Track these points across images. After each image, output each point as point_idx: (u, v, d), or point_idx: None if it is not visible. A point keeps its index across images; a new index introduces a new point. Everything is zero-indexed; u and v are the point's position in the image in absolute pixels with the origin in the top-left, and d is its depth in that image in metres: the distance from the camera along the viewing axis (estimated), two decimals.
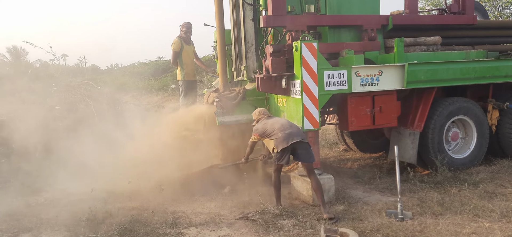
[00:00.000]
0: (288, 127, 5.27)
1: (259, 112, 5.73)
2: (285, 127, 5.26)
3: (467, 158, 6.90)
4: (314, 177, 5.31)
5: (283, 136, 5.19)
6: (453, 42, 7.47)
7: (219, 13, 6.86)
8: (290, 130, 5.23)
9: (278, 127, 5.28)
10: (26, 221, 5.43)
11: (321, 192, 5.24)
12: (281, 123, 5.34)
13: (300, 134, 5.27)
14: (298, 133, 5.25)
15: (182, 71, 8.29)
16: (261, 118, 5.62)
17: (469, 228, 4.52)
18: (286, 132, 5.21)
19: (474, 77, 6.62)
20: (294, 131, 5.23)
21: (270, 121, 5.45)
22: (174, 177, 6.73)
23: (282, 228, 4.84)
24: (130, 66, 44.00)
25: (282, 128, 5.25)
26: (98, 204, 5.93)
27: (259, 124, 5.55)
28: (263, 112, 5.72)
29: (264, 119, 5.57)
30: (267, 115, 5.69)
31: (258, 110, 5.78)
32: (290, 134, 5.18)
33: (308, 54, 5.65)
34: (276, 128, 5.29)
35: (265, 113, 5.70)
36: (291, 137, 5.16)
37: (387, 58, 6.47)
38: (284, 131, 5.22)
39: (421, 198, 5.64)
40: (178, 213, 5.51)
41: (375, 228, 4.65)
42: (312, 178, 5.30)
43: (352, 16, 6.64)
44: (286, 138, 5.16)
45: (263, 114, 5.68)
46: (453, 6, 7.17)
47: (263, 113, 5.69)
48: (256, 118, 5.72)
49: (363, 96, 6.21)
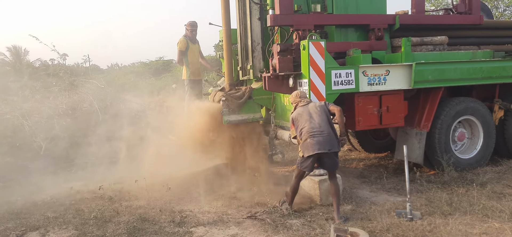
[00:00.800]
0: (317, 133, 4.92)
1: (296, 95, 5.33)
2: (315, 132, 4.93)
3: (474, 159, 6.89)
4: (335, 181, 5.13)
5: (311, 143, 4.92)
6: (459, 42, 7.46)
7: (225, 12, 6.84)
8: (319, 138, 4.90)
9: (307, 129, 4.98)
10: (33, 220, 5.42)
11: (338, 197, 5.09)
12: (313, 123, 4.99)
13: (329, 142, 4.93)
14: (327, 142, 4.91)
15: (188, 70, 8.27)
16: (298, 102, 5.27)
17: (479, 228, 4.50)
18: (314, 138, 4.91)
19: (481, 77, 6.61)
20: (323, 140, 4.90)
21: (304, 114, 5.08)
22: (180, 175, 6.74)
23: (291, 227, 4.82)
24: (130, 66, 44.04)
25: (311, 132, 4.94)
26: (105, 202, 5.95)
27: (294, 113, 5.21)
28: (300, 95, 5.31)
29: (301, 106, 5.21)
30: (304, 99, 5.28)
31: (295, 93, 5.37)
32: (317, 143, 4.88)
33: (316, 53, 5.64)
34: (306, 129, 4.99)
35: (303, 97, 5.31)
36: (318, 146, 4.88)
37: (394, 57, 6.46)
38: (313, 136, 4.92)
39: (429, 198, 5.63)
40: (185, 212, 5.49)
41: (385, 228, 4.63)
42: (332, 182, 5.12)
43: (359, 16, 6.62)
44: (313, 146, 4.90)
45: (300, 97, 5.29)
46: (460, 6, 7.16)
47: (300, 96, 5.30)
48: (292, 102, 5.37)
49: (370, 95, 6.20)
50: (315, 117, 5.05)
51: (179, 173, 6.81)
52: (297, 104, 5.28)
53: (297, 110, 5.22)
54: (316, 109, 5.12)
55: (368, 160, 8.32)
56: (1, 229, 5.10)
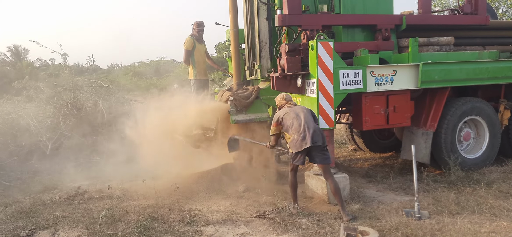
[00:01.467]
0: (304, 129, 5.06)
1: (282, 97, 5.50)
2: (301, 128, 5.07)
3: (479, 158, 6.93)
4: (331, 179, 5.19)
5: (297, 139, 5.07)
6: (464, 42, 7.48)
7: (233, 12, 6.87)
8: (305, 133, 5.03)
9: (295, 127, 5.12)
10: (42, 219, 5.44)
11: (340, 194, 5.14)
12: (299, 121, 5.12)
13: (317, 136, 5.05)
14: (314, 137, 5.03)
15: (194, 70, 8.30)
16: (283, 104, 5.43)
17: (488, 227, 4.53)
18: (301, 134, 5.05)
19: (487, 77, 6.65)
20: (310, 134, 5.02)
21: (290, 114, 5.21)
22: (188, 175, 6.76)
23: (300, 226, 4.84)
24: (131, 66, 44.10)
25: (298, 129, 5.08)
26: (114, 201, 5.97)
27: (279, 113, 5.34)
28: (285, 97, 5.48)
29: (286, 106, 5.37)
30: (290, 102, 5.45)
31: (280, 96, 5.53)
32: (305, 138, 5.02)
33: (324, 53, 5.67)
34: (293, 127, 5.13)
35: (288, 99, 5.46)
36: (305, 141, 5.02)
37: (401, 57, 6.49)
38: (300, 133, 5.06)
39: (436, 197, 5.66)
40: (194, 211, 5.52)
41: (394, 226, 4.65)
42: (330, 180, 5.18)
43: (366, 16, 6.66)
44: (300, 141, 5.04)
45: (285, 100, 5.46)
46: (466, 7, 7.19)
47: (285, 98, 5.47)
48: (278, 104, 5.51)
49: (378, 95, 6.23)
50: (301, 116, 5.18)
51: (186, 172, 6.83)
52: (282, 105, 5.45)
53: (283, 110, 5.35)
54: (302, 109, 5.30)
55: (373, 160, 8.36)
56: (12, 228, 5.12)
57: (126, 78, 32.67)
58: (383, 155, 8.72)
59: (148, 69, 41.08)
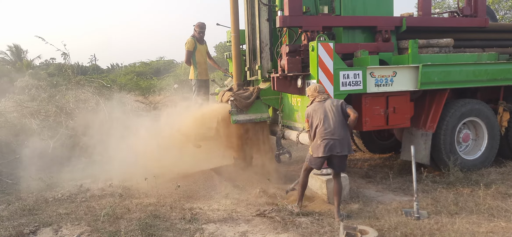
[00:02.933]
0: (329, 135, 4.96)
1: (314, 89, 5.27)
2: (327, 135, 4.97)
3: (478, 159, 6.98)
4: (339, 180, 5.19)
5: (321, 145, 4.99)
6: (464, 44, 7.55)
7: (234, 13, 6.93)
8: (329, 141, 4.95)
9: (320, 130, 5.02)
10: (45, 216, 5.50)
11: (340, 196, 5.17)
12: (326, 124, 5.00)
13: (340, 145, 4.97)
14: (337, 145, 4.95)
15: (195, 70, 8.36)
16: (315, 97, 5.23)
17: (486, 227, 4.59)
18: (324, 141, 4.97)
19: (486, 79, 6.71)
20: (333, 143, 4.95)
21: (319, 111, 5.07)
22: (189, 173, 6.82)
23: (300, 225, 4.90)
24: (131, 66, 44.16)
25: (323, 134, 4.99)
26: (115, 199, 6.03)
27: (310, 108, 5.22)
28: (318, 89, 5.25)
29: (317, 100, 5.19)
30: (322, 94, 5.23)
31: (313, 87, 5.30)
32: (327, 146, 4.95)
33: (325, 54, 5.73)
34: (319, 130, 5.03)
35: (321, 91, 5.24)
36: (328, 149, 4.95)
37: (401, 59, 6.55)
38: (323, 138, 4.98)
39: (435, 198, 5.72)
40: (195, 209, 5.58)
41: (393, 226, 4.71)
42: (337, 181, 5.18)
43: (367, 18, 6.72)
44: (323, 148, 4.97)
45: (318, 92, 5.24)
46: (466, 9, 7.25)
47: (318, 91, 5.24)
48: (309, 95, 5.33)
49: (377, 96, 6.29)
50: (330, 116, 5.03)
51: (187, 171, 6.89)
52: (314, 98, 5.25)
53: (313, 106, 5.20)
54: (332, 108, 5.08)
55: (373, 160, 8.41)
56: (15, 224, 5.18)
57: (126, 78, 32.74)
58: (382, 155, 8.77)
59: (148, 69, 41.15)
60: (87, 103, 9.78)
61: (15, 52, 40.02)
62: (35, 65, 41.44)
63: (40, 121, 9.08)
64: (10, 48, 39.98)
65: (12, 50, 39.96)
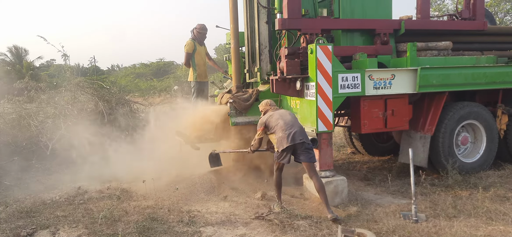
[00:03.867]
0: (289, 127, 5.21)
1: (266, 103, 5.71)
2: (287, 127, 5.21)
3: (477, 162, 6.98)
4: (316, 177, 5.26)
5: (283, 136, 5.18)
6: (462, 47, 7.56)
7: (233, 16, 6.93)
8: (291, 131, 5.17)
9: (280, 126, 5.26)
10: (43, 218, 5.47)
11: (324, 192, 5.20)
12: (283, 120, 5.28)
13: (301, 134, 5.21)
14: (299, 134, 5.18)
15: (195, 72, 8.35)
16: (268, 109, 5.61)
17: (484, 231, 4.58)
18: (286, 132, 5.17)
19: (484, 82, 6.71)
20: (295, 132, 5.17)
21: (275, 116, 5.39)
22: (187, 176, 6.81)
23: (298, 228, 4.89)
24: (131, 67, 44.25)
25: (284, 127, 5.22)
26: (113, 202, 6.01)
27: (264, 117, 5.51)
28: (270, 103, 5.69)
29: (270, 111, 5.54)
30: (273, 107, 5.66)
31: (264, 102, 5.75)
32: (289, 135, 5.15)
33: (323, 57, 5.73)
34: (278, 126, 5.27)
35: (272, 105, 5.67)
36: (290, 138, 5.13)
37: (399, 62, 6.56)
38: (285, 131, 5.19)
39: (433, 201, 5.71)
40: (193, 212, 5.56)
41: (391, 229, 4.71)
42: (314, 179, 5.25)
43: (365, 20, 6.73)
44: (286, 138, 5.15)
45: (270, 105, 5.66)
46: (464, 12, 7.26)
47: (270, 104, 5.67)
48: (262, 109, 5.70)
49: (376, 99, 6.29)
50: (285, 116, 5.35)
51: (186, 173, 6.88)
52: (266, 110, 5.62)
53: (268, 114, 5.50)
54: (286, 112, 5.48)
55: (371, 163, 8.41)
56: (12, 227, 5.16)
57: (126, 79, 32.77)
58: (381, 158, 8.77)
59: (148, 71, 41.24)
60: (86, 104, 9.77)
61: (15, 54, 39.96)
62: (36, 66, 41.43)
63: (38, 122, 9.07)
64: (10, 49, 39.94)
65: (12, 52, 39.90)
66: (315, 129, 5.77)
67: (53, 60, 45.29)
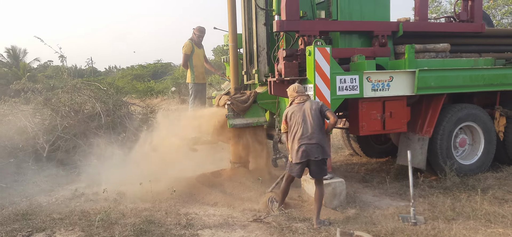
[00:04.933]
0: (306, 139, 4.97)
1: (293, 89, 5.28)
2: (303, 138, 4.98)
3: (475, 164, 6.97)
4: (320, 187, 5.18)
5: (297, 149, 5.02)
6: (460, 49, 7.56)
7: (232, 17, 6.91)
8: (307, 143, 4.96)
9: (298, 134, 5.02)
10: (39, 221, 5.44)
11: (321, 203, 5.15)
12: (304, 129, 5.01)
13: (317, 150, 4.98)
14: (315, 150, 4.97)
15: (192, 74, 8.33)
16: (295, 97, 5.23)
17: (483, 233, 4.57)
18: (302, 144, 4.98)
19: (483, 84, 6.71)
20: (311, 147, 4.97)
21: (297, 114, 5.08)
22: (184, 178, 6.78)
23: (296, 231, 4.87)
24: (129, 69, 44.13)
25: (301, 138, 5.00)
26: (110, 204, 5.98)
27: (289, 109, 5.21)
28: (297, 90, 5.25)
29: (296, 102, 5.20)
30: (302, 96, 5.21)
31: (292, 87, 5.32)
32: (305, 151, 4.97)
33: (321, 58, 5.71)
34: (297, 134, 5.03)
35: (300, 92, 5.23)
36: (304, 155, 4.98)
37: (397, 64, 6.55)
38: (301, 142, 4.98)
39: (431, 203, 5.70)
40: (190, 215, 5.54)
41: (389, 232, 4.68)
42: (318, 187, 5.17)
43: (364, 22, 6.72)
44: (301, 154, 4.99)
45: (297, 92, 5.23)
46: (462, 14, 7.26)
47: (297, 91, 5.24)
48: (289, 95, 5.33)
49: (374, 101, 6.27)
50: (308, 121, 5.04)
51: (183, 176, 6.84)
52: (293, 99, 5.26)
53: (292, 107, 5.20)
54: (311, 111, 5.07)
55: (369, 165, 8.39)
56: (8, 230, 5.13)
57: (124, 80, 32.70)
58: (379, 160, 8.76)
59: (146, 72, 41.13)
60: (83, 106, 9.71)
61: (12, 55, 39.86)
62: (33, 67, 41.36)
63: (35, 124, 9.01)
64: (7, 50, 39.83)
65: (9, 53, 39.80)
66: None
67: (51, 61, 45.16)
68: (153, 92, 26.06)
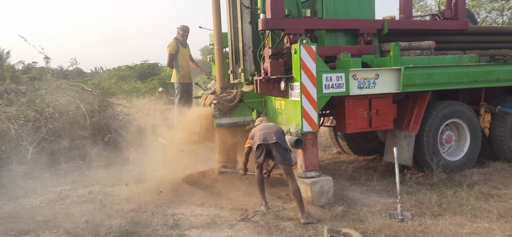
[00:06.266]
0: (265, 128, 5.37)
1: (258, 120, 5.86)
2: (263, 128, 5.39)
3: (461, 161, 7.03)
4: (292, 180, 5.25)
5: (258, 136, 5.32)
6: (445, 46, 7.62)
7: (216, 16, 6.87)
8: (266, 131, 5.31)
9: (258, 129, 5.43)
10: (22, 223, 5.33)
11: (299, 196, 5.19)
12: (264, 125, 5.49)
13: (277, 135, 5.26)
14: (274, 134, 5.26)
15: (178, 74, 8.26)
16: (257, 124, 5.70)
17: (469, 228, 4.60)
18: (261, 132, 5.33)
19: (467, 81, 6.76)
20: (269, 132, 5.29)
21: (260, 125, 5.55)
22: (171, 179, 6.72)
23: (284, 229, 4.86)
24: (115, 69, 43.70)
25: (260, 129, 5.40)
26: (96, 206, 5.89)
27: (253, 130, 5.64)
28: (261, 119, 5.84)
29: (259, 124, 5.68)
30: (264, 121, 5.79)
31: (258, 119, 5.90)
32: (264, 134, 5.28)
33: (307, 57, 5.70)
34: (257, 129, 5.44)
35: (263, 120, 5.80)
36: (263, 138, 5.25)
37: (383, 61, 6.57)
38: (261, 131, 5.35)
39: (418, 199, 5.73)
40: (177, 215, 5.48)
41: (377, 228, 4.69)
42: (290, 182, 5.25)
43: (349, 20, 6.73)
44: (259, 137, 5.28)
45: (261, 120, 5.77)
46: (446, 12, 7.32)
47: (261, 120, 5.80)
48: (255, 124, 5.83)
49: (360, 99, 6.29)
50: (268, 124, 5.52)
51: (170, 176, 6.78)
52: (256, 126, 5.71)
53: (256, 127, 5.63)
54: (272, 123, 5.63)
55: (357, 162, 8.42)
56: None
57: (110, 82, 32.35)
58: (367, 157, 8.79)
59: (132, 73, 40.76)
60: (68, 107, 9.58)
61: None
62: (17, 69, 40.73)
63: (18, 126, 8.85)
64: None
65: None
66: (300, 129, 5.74)
67: (35, 62, 44.49)
68: (140, 92, 25.81)
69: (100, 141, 8.75)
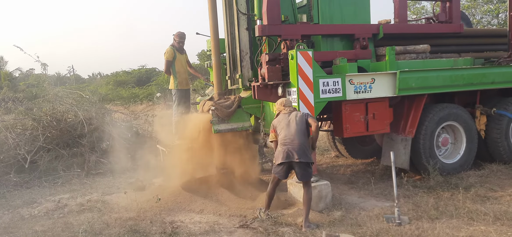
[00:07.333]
0: (288, 142, 5.10)
1: (280, 103, 5.51)
2: (286, 141, 5.11)
3: (457, 163, 7.07)
4: (308, 190, 5.20)
5: (281, 152, 5.13)
6: (440, 50, 7.68)
7: (213, 23, 6.90)
8: (289, 147, 5.07)
9: (281, 137, 5.18)
10: (21, 234, 5.35)
11: (309, 206, 5.17)
12: (286, 132, 5.15)
13: (298, 152, 5.05)
14: (296, 152, 5.04)
15: (175, 80, 8.28)
16: (281, 110, 5.43)
17: (465, 232, 4.63)
18: (284, 146, 5.11)
19: (462, 84, 6.81)
20: (292, 148, 5.06)
21: (283, 122, 5.25)
22: (170, 186, 6.72)
23: (283, 235, 4.87)
24: (113, 75, 43.67)
25: (283, 141, 5.14)
26: (94, 215, 5.90)
27: (275, 119, 5.41)
28: (284, 103, 5.47)
29: (282, 114, 5.37)
30: (288, 107, 5.42)
31: (279, 101, 5.54)
32: (286, 152, 5.08)
33: (304, 62, 5.74)
34: (280, 137, 5.20)
35: (287, 105, 5.45)
36: (285, 155, 5.08)
37: (379, 66, 6.61)
38: (283, 145, 5.13)
39: (415, 202, 5.76)
40: (176, 223, 5.49)
41: (375, 233, 4.72)
42: (305, 190, 5.21)
43: (345, 26, 6.78)
44: (282, 155, 5.10)
45: (284, 105, 5.45)
46: (441, 15, 7.38)
47: (284, 104, 5.45)
48: (277, 109, 5.55)
49: (357, 103, 6.33)
50: (292, 125, 5.18)
51: (168, 183, 6.79)
52: (280, 111, 5.46)
53: (278, 117, 5.41)
54: (296, 118, 5.25)
55: (355, 166, 8.45)
56: None
57: (107, 87, 32.35)
58: (364, 161, 8.82)
59: (130, 78, 40.75)
60: (66, 115, 9.59)
61: None
62: (14, 76, 40.69)
63: (16, 135, 8.86)
64: None
65: None
66: None
67: (32, 69, 44.49)
68: (138, 98, 25.83)
69: (98, 148, 8.76)
